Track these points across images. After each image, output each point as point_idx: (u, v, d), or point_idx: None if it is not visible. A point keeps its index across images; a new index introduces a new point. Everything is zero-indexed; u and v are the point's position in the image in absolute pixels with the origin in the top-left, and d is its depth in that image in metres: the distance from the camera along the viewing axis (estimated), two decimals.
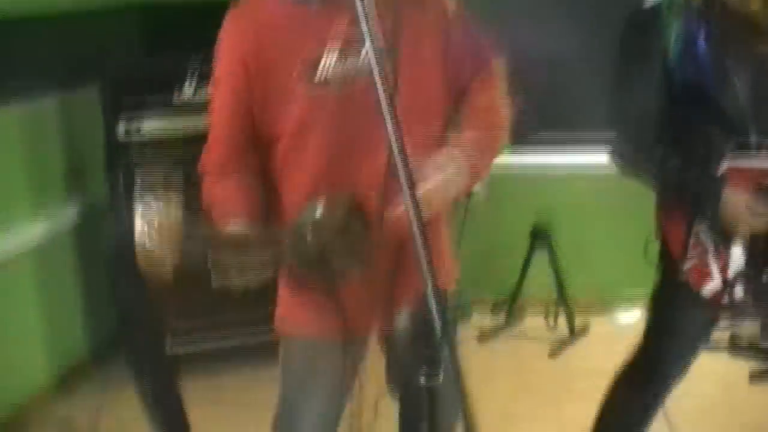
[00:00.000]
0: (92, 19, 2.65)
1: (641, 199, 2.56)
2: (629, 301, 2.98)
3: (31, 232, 2.51)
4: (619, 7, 2.11)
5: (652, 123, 2.00)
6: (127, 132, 2.46)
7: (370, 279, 1.50)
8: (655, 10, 1.98)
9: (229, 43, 1.49)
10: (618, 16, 2.22)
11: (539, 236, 2.83)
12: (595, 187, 3.01)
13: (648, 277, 2.17)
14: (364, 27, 1.17)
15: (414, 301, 1.31)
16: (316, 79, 1.47)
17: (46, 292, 2.63)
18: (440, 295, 1.17)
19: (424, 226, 1.24)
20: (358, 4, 1.15)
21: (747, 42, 1.94)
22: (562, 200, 3.04)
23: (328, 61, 1.49)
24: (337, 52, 1.48)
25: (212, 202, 1.51)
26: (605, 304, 3.12)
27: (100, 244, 2.65)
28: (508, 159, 1.80)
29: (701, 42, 1.94)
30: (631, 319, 2.92)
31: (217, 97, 1.53)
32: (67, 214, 2.72)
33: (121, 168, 2.47)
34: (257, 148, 1.57)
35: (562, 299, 2.88)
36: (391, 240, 1.45)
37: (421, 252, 1.18)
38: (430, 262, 1.17)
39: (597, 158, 2.69)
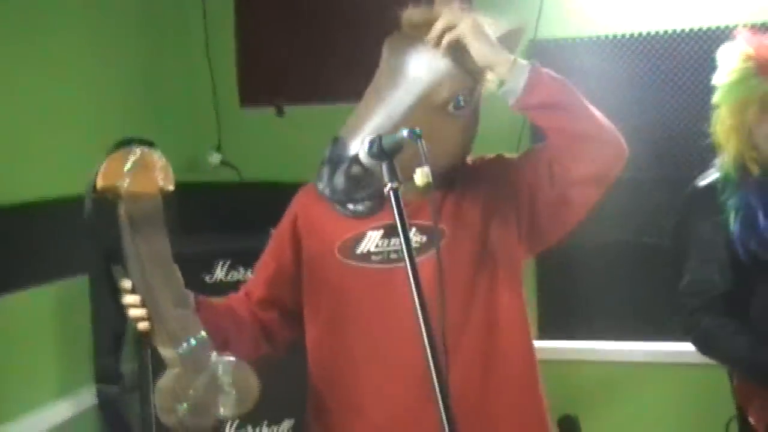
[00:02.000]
0: None
1: (674, 389, 2.82)
2: None
3: (55, 411, 2.48)
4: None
5: (722, 300, 2.00)
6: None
7: None
8: (711, 188, 2.04)
9: (291, 208, 1.67)
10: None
11: (567, 425, 2.69)
12: (626, 375, 2.94)
13: None
14: (396, 218, 1.25)
15: None
16: (358, 252, 1.55)
17: None
18: None
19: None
20: (393, 204, 1.25)
21: None
22: (593, 388, 2.95)
23: (372, 237, 1.57)
24: (381, 231, 1.56)
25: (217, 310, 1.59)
26: None
27: (123, 423, 2.58)
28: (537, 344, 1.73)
29: (758, 214, 1.96)
30: None
31: (268, 247, 1.70)
32: (92, 392, 2.64)
33: (148, 348, 2.39)
34: (285, 320, 1.67)
35: None
36: None
37: None
38: None
39: (630, 346, 2.88)
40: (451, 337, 1.32)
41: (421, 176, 1.25)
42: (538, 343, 1.71)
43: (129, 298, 1.42)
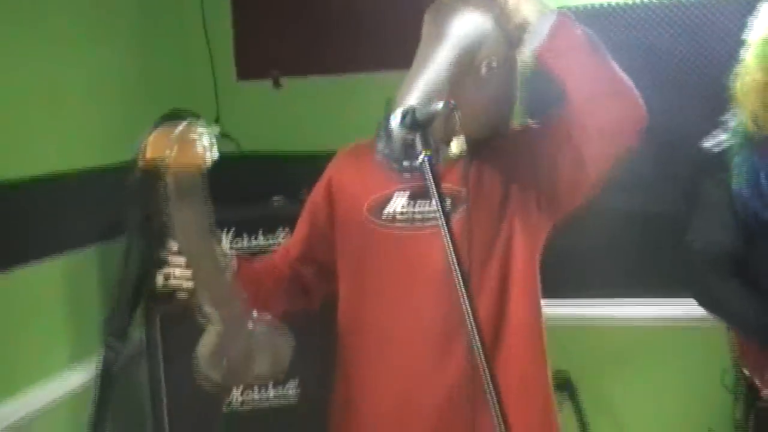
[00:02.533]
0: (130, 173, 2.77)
1: (672, 350, 2.85)
2: None
3: (68, 378, 2.50)
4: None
5: (727, 259, 2.03)
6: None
7: (445, 422, 1.56)
8: (719, 151, 2.06)
9: (328, 169, 1.73)
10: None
11: (563, 386, 2.74)
12: (623, 338, 2.98)
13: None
14: (432, 187, 1.29)
15: None
16: (384, 213, 1.61)
17: None
18: None
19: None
20: (426, 173, 1.29)
21: None
22: (588, 351, 2.98)
23: (398, 201, 1.62)
24: (407, 195, 1.61)
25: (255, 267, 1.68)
26: None
27: (134, 388, 2.64)
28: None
29: (763, 175, 1.98)
30: None
31: (305, 208, 1.78)
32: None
33: (158, 315, 2.52)
34: (321, 275, 1.76)
35: None
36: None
37: (493, 401, 1.23)
38: (503, 415, 1.22)
39: (627, 310, 2.93)
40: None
41: (456, 145, 1.33)
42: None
43: (175, 260, 1.50)
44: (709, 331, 2.30)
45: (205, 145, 1.42)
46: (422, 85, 1.46)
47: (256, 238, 2.55)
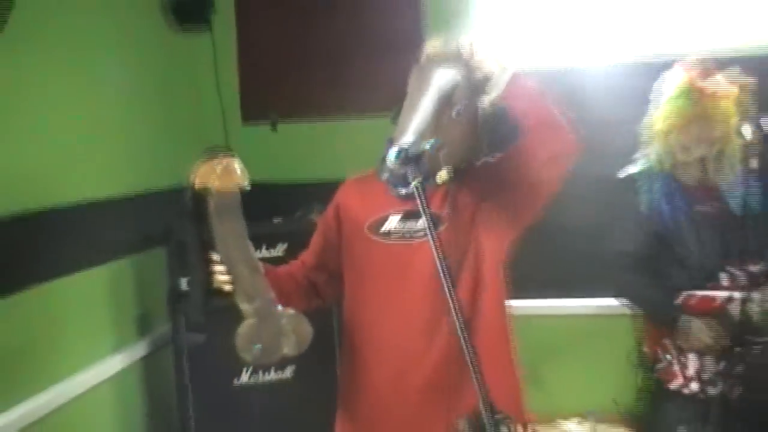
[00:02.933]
0: (161, 196, 2.89)
1: (591, 336, 3.06)
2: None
3: (110, 364, 2.70)
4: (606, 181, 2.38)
5: (636, 262, 2.22)
6: (189, 283, 2.68)
7: (433, 390, 1.65)
8: (635, 177, 2.27)
9: (337, 195, 1.84)
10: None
11: None
12: (555, 326, 3.16)
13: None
14: (421, 208, 1.40)
15: (472, 411, 1.40)
16: (381, 230, 1.73)
17: (122, 414, 2.81)
18: (491, 409, 1.30)
19: (484, 347, 1.42)
20: (418, 198, 1.39)
21: (688, 204, 2.22)
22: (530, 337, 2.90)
23: (392, 221, 1.73)
24: (401, 215, 1.72)
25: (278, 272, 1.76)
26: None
27: (165, 371, 2.83)
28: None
29: (661, 202, 2.22)
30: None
31: (318, 228, 1.88)
32: (138, 348, 2.89)
33: (182, 312, 2.71)
34: (332, 280, 1.84)
35: None
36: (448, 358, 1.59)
37: (473, 368, 1.31)
38: (481, 378, 1.31)
39: (558, 303, 3.18)
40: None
41: (442, 176, 1.51)
42: None
43: (218, 267, 1.58)
44: (619, 318, 2.47)
45: (240, 173, 1.53)
46: (414, 126, 1.52)
47: (260, 251, 2.68)
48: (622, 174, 2.31)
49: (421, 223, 1.55)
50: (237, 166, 1.52)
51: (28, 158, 2.35)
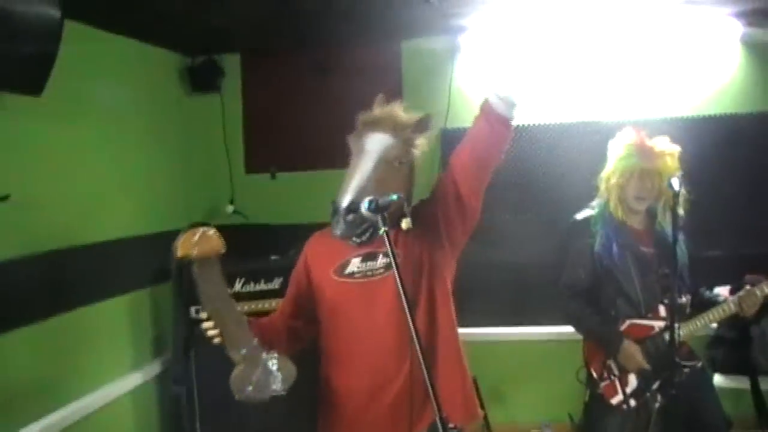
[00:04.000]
0: (176, 236, 2.67)
1: (546, 358, 3.19)
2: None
3: (129, 380, 2.88)
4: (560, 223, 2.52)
5: (584, 292, 2.35)
6: (197, 312, 2.74)
7: (401, 405, 1.72)
8: (586, 221, 2.41)
9: (305, 248, 1.93)
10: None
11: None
12: (513, 350, 3.33)
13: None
14: (389, 250, 1.49)
15: (431, 425, 1.48)
16: (345, 272, 1.82)
17: (140, 422, 2.94)
18: (445, 426, 1.37)
19: (440, 366, 1.59)
20: (386, 242, 1.49)
21: (634, 245, 2.36)
22: (489, 360, 3.17)
23: (354, 263, 1.81)
24: (361, 257, 1.80)
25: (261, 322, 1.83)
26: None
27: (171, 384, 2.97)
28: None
29: (612, 243, 2.34)
30: None
31: (291, 280, 1.94)
32: (154, 366, 3.07)
33: (190, 338, 2.80)
34: (308, 324, 1.90)
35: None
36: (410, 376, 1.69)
37: (431, 390, 1.39)
38: (437, 399, 1.38)
39: (515, 331, 3.32)
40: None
41: (405, 223, 1.55)
42: None
43: (206, 324, 1.65)
44: (571, 343, 2.61)
45: (216, 239, 1.56)
46: (353, 187, 1.65)
47: (258, 284, 2.88)
48: (580, 216, 2.46)
49: (381, 261, 1.71)
50: (213, 233, 1.57)
51: (63, 203, 2.50)
